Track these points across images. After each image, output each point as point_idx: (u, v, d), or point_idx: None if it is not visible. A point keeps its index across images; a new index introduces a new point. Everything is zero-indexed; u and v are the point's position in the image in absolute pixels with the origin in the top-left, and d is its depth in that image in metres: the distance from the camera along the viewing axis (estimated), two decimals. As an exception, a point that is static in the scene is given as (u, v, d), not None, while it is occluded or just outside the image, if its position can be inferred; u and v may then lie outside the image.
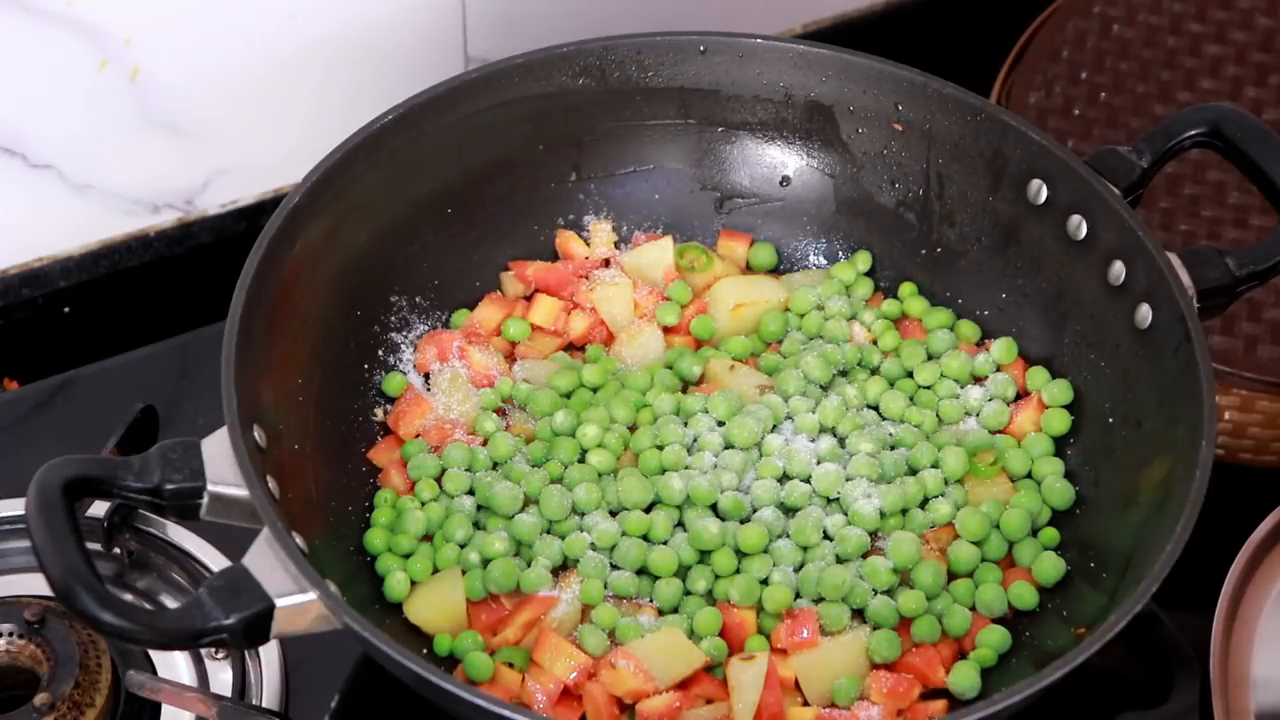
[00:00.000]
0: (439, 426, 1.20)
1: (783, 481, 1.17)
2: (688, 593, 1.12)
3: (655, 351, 1.25)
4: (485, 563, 1.12)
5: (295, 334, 1.14)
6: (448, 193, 1.25)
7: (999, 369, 1.24)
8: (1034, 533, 1.16)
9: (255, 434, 1.05)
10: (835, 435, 1.20)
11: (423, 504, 1.16)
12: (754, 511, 1.15)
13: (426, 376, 1.24)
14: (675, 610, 1.12)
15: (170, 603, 1.20)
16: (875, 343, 1.26)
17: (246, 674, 1.16)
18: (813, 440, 1.19)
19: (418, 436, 1.20)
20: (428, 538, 1.15)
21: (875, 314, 1.27)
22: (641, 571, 1.13)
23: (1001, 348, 1.23)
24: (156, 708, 1.14)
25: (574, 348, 1.27)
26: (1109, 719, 1.10)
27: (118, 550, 1.21)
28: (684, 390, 1.23)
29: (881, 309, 1.27)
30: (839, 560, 1.13)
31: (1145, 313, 1.14)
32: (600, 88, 1.26)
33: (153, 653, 1.17)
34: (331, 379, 1.18)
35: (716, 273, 1.29)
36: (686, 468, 1.17)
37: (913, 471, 1.18)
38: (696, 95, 1.28)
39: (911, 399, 1.22)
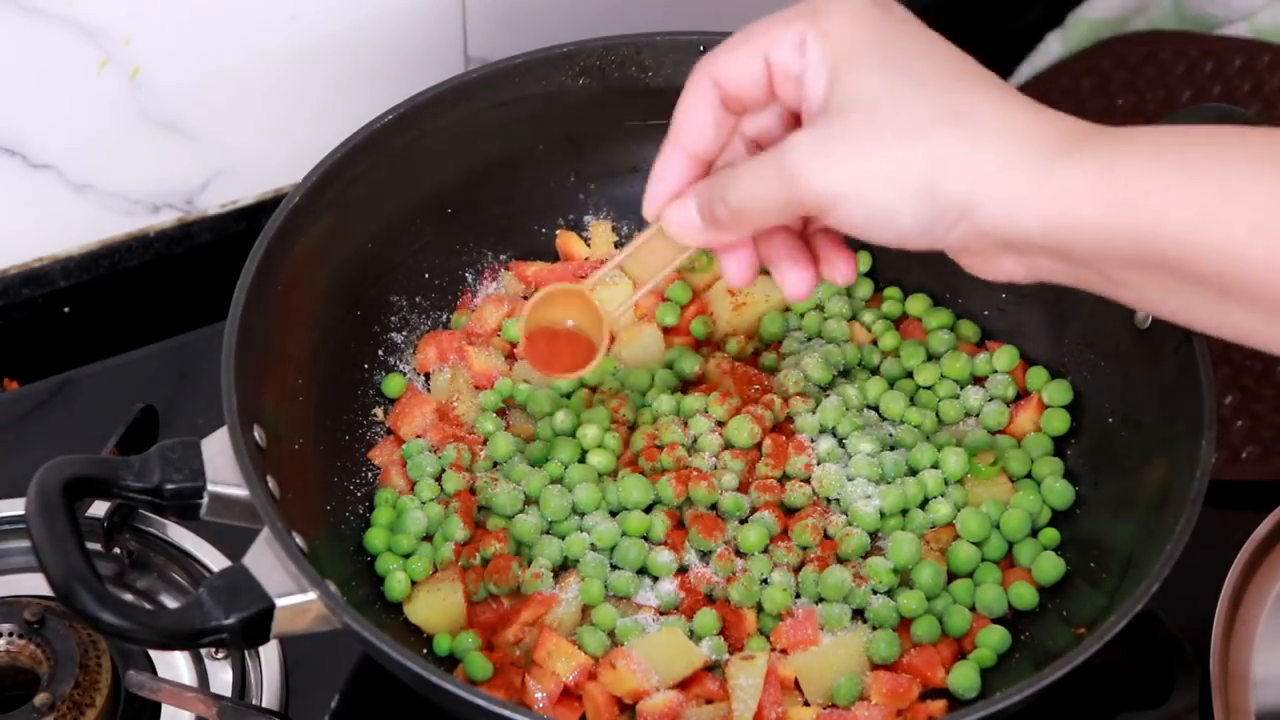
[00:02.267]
0: (439, 426, 1.20)
1: (783, 482, 1.17)
2: (688, 592, 1.12)
3: (655, 351, 1.25)
4: (485, 563, 1.13)
5: (295, 334, 1.14)
6: (448, 193, 1.25)
7: (998, 369, 1.24)
8: (1034, 533, 1.16)
9: (255, 434, 1.05)
10: (835, 435, 1.20)
11: (423, 504, 1.16)
12: (754, 511, 1.15)
13: (427, 376, 1.24)
14: (675, 610, 1.12)
15: (170, 603, 1.20)
16: (875, 343, 1.26)
17: (246, 674, 1.16)
18: (812, 440, 1.19)
19: (418, 436, 1.20)
20: (428, 538, 1.15)
21: (875, 314, 1.27)
22: (641, 571, 1.13)
23: (1003, 358, 1.23)
24: (156, 708, 1.14)
25: (574, 348, 1.27)
26: (1109, 719, 1.10)
27: (118, 550, 1.21)
28: (684, 390, 1.23)
29: (882, 309, 1.27)
30: (839, 560, 1.13)
31: (1145, 313, 1.14)
32: (600, 88, 1.26)
33: (153, 653, 1.17)
34: (331, 379, 1.18)
35: (716, 273, 1.29)
36: (686, 468, 1.17)
37: (913, 472, 1.18)
38: (696, 95, 1.28)
39: (911, 399, 1.23)
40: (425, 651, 1.10)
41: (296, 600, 0.98)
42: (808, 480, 1.17)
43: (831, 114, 0.87)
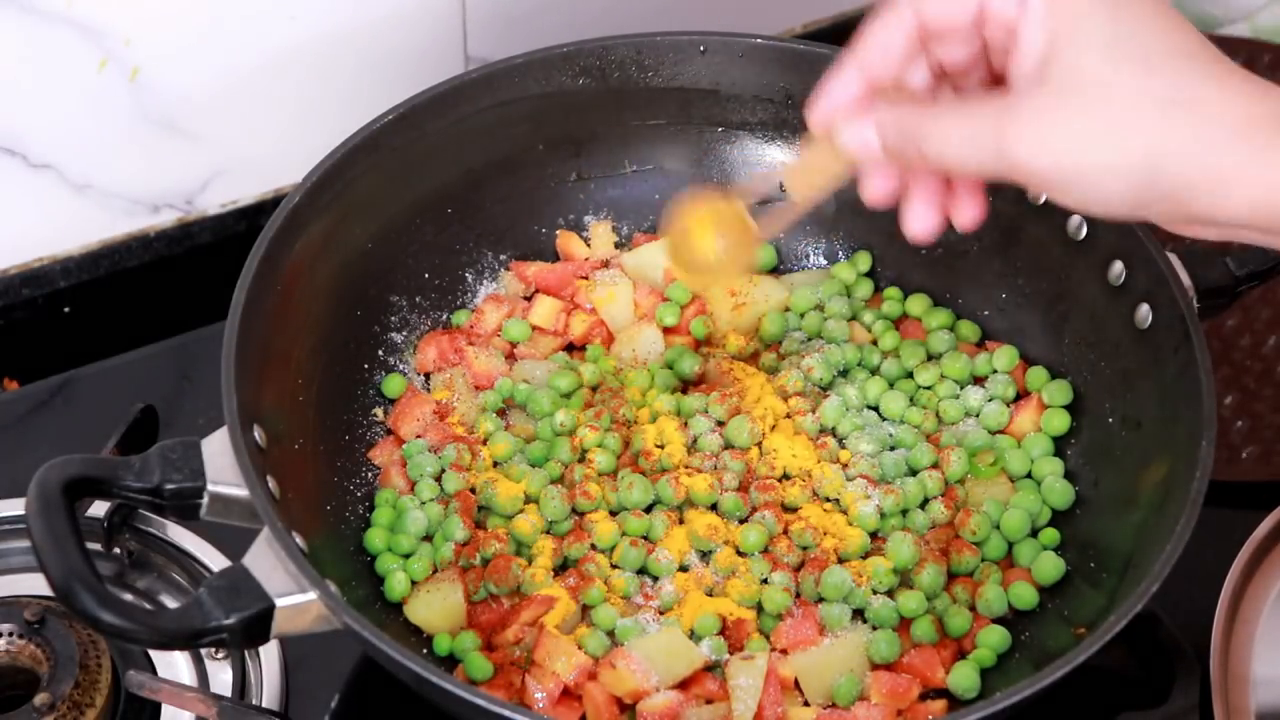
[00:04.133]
0: (439, 426, 1.20)
1: (783, 481, 1.17)
2: (687, 593, 1.12)
3: (655, 351, 1.25)
4: (485, 563, 1.13)
5: (295, 334, 1.15)
6: (448, 193, 1.26)
7: (998, 369, 1.24)
8: (1034, 533, 1.16)
9: (255, 434, 1.05)
10: (835, 436, 1.20)
11: (423, 504, 1.16)
12: (754, 511, 1.15)
13: (427, 376, 1.24)
14: (675, 610, 1.12)
15: (170, 603, 1.20)
16: (875, 343, 1.26)
17: (246, 674, 1.16)
18: (813, 440, 1.19)
19: (418, 436, 1.20)
20: (428, 538, 1.15)
21: (875, 314, 1.27)
22: (641, 571, 1.13)
23: (1003, 358, 1.23)
24: (156, 708, 1.14)
25: (574, 348, 1.27)
26: (1109, 719, 1.10)
27: (118, 550, 1.21)
28: (684, 390, 1.23)
29: (881, 309, 1.27)
30: (839, 560, 1.13)
31: (1145, 313, 1.14)
32: (600, 88, 1.26)
33: (153, 653, 1.17)
34: (331, 379, 1.18)
35: (716, 273, 1.29)
36: (686, 468, 1.17)
37: (913, 472, 1.18)
38: (696, 95, 1.28)
39: (911, 400, 1.23)
40: (425, 651, 1.10)
41: (296, 600, 0.98)
42: (808, 480, 1.17)
43: (1051, 90, 0.86)
